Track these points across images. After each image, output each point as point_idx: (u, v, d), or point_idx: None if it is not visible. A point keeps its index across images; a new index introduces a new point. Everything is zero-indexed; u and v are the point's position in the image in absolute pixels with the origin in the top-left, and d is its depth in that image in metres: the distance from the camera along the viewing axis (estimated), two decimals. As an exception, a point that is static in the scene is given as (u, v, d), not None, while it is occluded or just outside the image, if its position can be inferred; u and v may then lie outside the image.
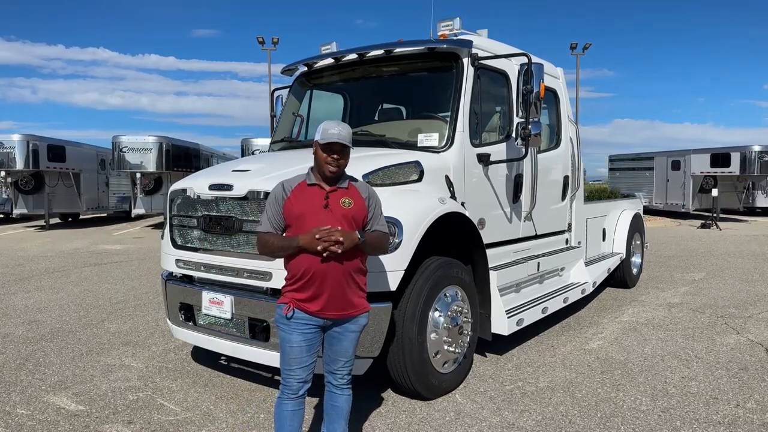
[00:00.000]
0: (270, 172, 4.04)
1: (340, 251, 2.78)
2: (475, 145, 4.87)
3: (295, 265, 2.89)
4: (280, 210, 2.95)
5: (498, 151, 5.09)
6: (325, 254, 2.77)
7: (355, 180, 3.14)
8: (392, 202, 3.72)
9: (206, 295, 4.21)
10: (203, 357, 5.12)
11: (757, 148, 20.29)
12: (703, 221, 19.23)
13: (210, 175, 4.45)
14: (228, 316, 4.09)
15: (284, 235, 2.96)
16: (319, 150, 2.94)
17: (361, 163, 3.95)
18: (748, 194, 22.40)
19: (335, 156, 2.91)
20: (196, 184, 4.30)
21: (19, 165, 17.69)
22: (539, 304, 5.46)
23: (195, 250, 4.31)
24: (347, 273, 2.89)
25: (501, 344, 5.31)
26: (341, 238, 2.76)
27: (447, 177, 4.59)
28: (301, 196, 2.94)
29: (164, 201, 4.69)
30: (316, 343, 2.96)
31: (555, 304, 5.77)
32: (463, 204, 4.60)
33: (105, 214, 23.02)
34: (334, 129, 2.91)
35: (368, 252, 3.03)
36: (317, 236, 2.75)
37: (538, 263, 5.80)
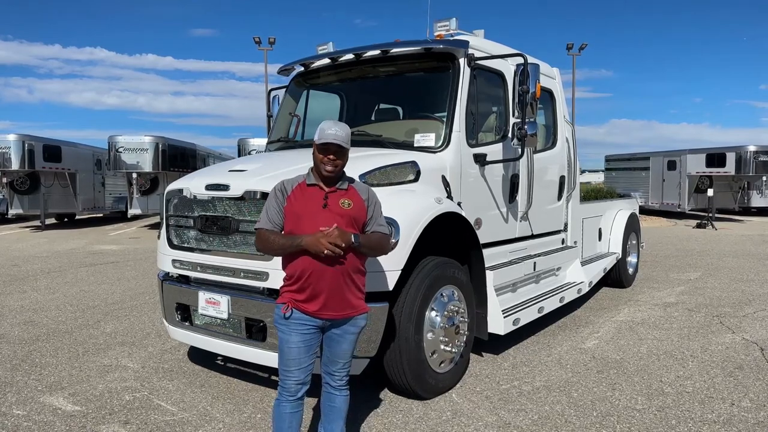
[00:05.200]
0: (266, 172, 4.04)
1: (342, 246, 2.77)
2: (471, 146, 4.88)
3: (293, 265, 2.88)
4: (281, 208, 2.95)
5: (494, 151, 5.10)
6: (324, 254, 2.76)
7: (354, 181, 3.14)
8: (389, 202, 3.71)
9: (203, 296, 4.21)
10: (200, 357, 5.11)
11: (752, 148, 20.36)
12: (698, 221, 19.30)
13: (206, 175, 4.45)
14: (224, 316, 4.09)
15: (283, 233, 2.97)
16: (316, 150, 2.94)
17: (357, 163, 3.95)
18: (743, 194, 22.49)
19: (331, 156, 2.90)
20: (193, 184, 4.30)
21: (15, 165, 17.63)
22: (535, 303, 5.47)
23: (191, 250, 4.31)
24: (346, 273, 2.89)
25: (497, 344, 5.32)
26: (338, 241, 2.75)
27: (443, 177, 4.60)
28: (301, 196, 2.94)
29: (160, 201, 4.69)
30: (314, 345, 2.95)
31: (551, 304, 5.79)
32: (459, 204, 4.61)
33: (101, 215, 22.96)
34: (330, 129, 2.91)
35: (366, 254, 3.00)
36: (321, 239, 2.74)
37: (535, 263, 5.81)
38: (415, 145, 4.73)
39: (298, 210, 2.90)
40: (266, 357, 3.93)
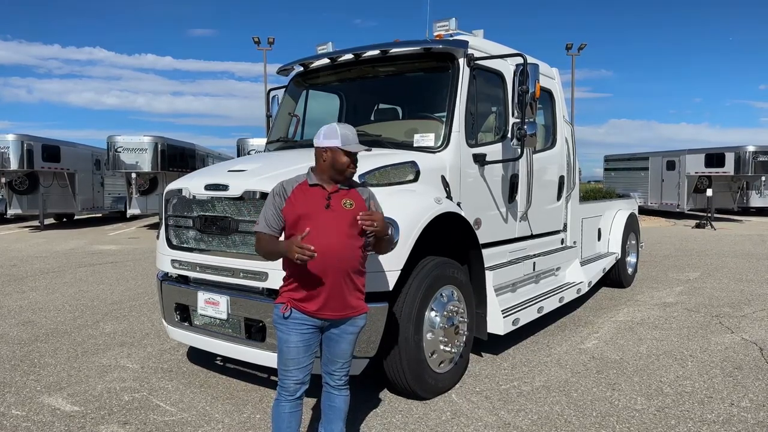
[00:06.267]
0: (266, 172, 4.04)
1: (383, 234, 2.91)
2: (471, 146, 4.88)
3: (293, 264, 2.86)
4: (278, 210, 2.94)
5: (494, 151, 5.10)
6: (298, 262, 2.70)
7: (355, 182, 3.15)
8: (388, 202, 3.71)
9: (202, 296, 4.20)
10: (199, 357, 5.11)
11: (751, 149, 20.38)
12: (697, 221, 19.32)
13: (205, 175, 4.44)
14: (224, 316, 4.09)
15: (283, 234, 2.96)
16: (341, 156, 2.93)
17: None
18: (742, 194, 22.52)
19: (355, 160, 2.99)
20: (192, 184, 4.29)
21: (14, 165, 17.60)
22: (535, 303, 5.47)
23: (191, 250, 4.31)
24: (346, 274, 2.89)
25: (497, 344, 5.32)
26: (310, 253, 2.68)
27: (443, 177, 4.59)
28: (303, 197, 2.92)
29: (159, 201, 4.68)
30: (313, 344, 2.95)
31: (551, 304, 5.79)
32: (459, 204, 4.60)
33: (100, 215, 22.95)
34: (353, 134, 2.99)
35: (382, 250, 3.12)
36: (294, 247, 2.68)
37: (534, 263, 5.81)
38: (415, 145, 4.72)
39: (302, 211, 2.88)
40: (265, 357, 3.93)
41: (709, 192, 19.88)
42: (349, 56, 5.24)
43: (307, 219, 2.86)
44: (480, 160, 4.95)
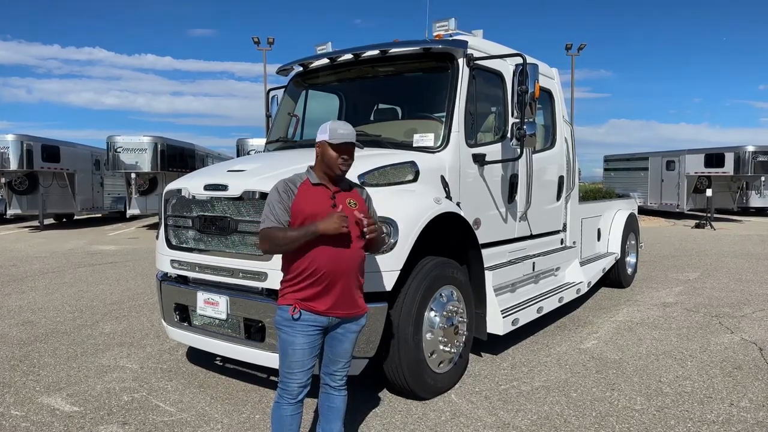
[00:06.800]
0: (265, 172, 4.04)
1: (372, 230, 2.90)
2: (470, 146, 4.88)
3: (303, 260, 2.83)
4: (287, 207, 2.88)
5: (493, 151, 5.10)
6: (344, 230, 2.79)
7: (352, 182, 3.15)
8: (388, 202, 3.72)
9: (201, 296, 4.20)
10: (198, 358, 5.11)
11: (750, 149, 20.39)
12: (697, 221, 19.33)
13: (205, 175, 4.44)
14: (223, 316, 4.09)
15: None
16: (329, 150, 2.91)
17: (356, 163, 3.91)
18: (742, 194, 22.52)
19: (345, 156, 2.93)
20: (191, 184, 4.29)
21: (13, 165, 17.62)
22: (534, 303, 5.47)
23: (190, 250, 4.30)
24: (354, 272, 2.91)
25: (496, 344, 5.32)
26: (373, 226, 2.87)
27: (442, 177, 4.59)
28: (308, 195, 2.90)
29: (159, 201, 4.68)
30: (317, 346, 2.94)
31: (550, 304, 5.79)
32: (458, 204, 4.60)
33: (100, 215, 22.95)
34: (343, 129, 2.94)
35: (374, 251, 3.20)
36: (337, 219, 2.76)
37: (534, 263, 5.81)
38: (414, 145, 4.72)
39: (311, 210, 2.85)
40: (265, 357, 3.92)
41: (709, 192, 19.89)
42: (348, 56, 5.24)
43: (317, 218, 2.83)
44: (479, 160, 4.95)
